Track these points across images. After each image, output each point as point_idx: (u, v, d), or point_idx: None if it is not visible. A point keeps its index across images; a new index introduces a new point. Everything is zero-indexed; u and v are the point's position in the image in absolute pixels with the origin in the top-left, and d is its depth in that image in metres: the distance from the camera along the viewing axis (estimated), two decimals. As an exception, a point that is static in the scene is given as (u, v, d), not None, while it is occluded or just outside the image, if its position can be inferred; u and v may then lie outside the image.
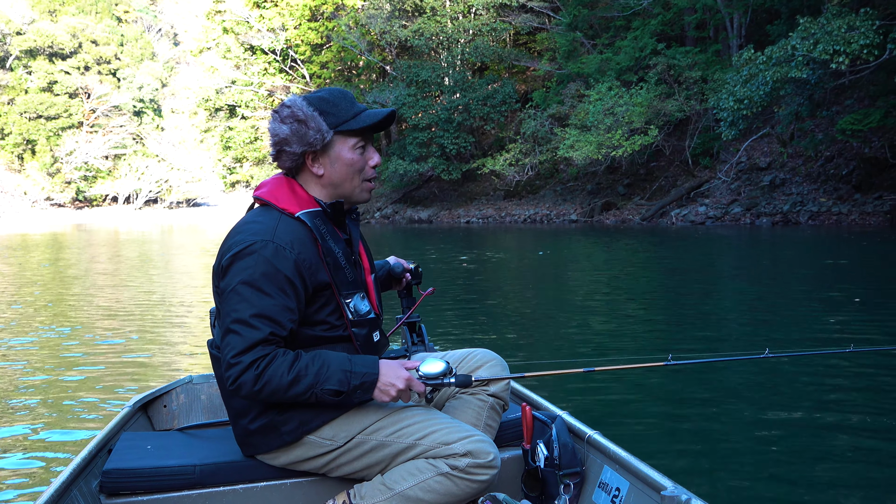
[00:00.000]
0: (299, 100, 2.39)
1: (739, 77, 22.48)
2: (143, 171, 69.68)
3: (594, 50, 35.86)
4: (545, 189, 37.64)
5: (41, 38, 67.75)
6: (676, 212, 29.69)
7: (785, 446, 4.07)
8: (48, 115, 67.55)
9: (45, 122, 67.62)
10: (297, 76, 49.37)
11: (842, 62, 19.99)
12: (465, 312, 9.06)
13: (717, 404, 4.89)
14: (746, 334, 7.39)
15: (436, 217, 40.41)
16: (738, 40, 31.25)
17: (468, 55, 39.97)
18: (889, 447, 4.09)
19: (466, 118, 38.77)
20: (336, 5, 46.16)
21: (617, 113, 30.11)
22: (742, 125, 23.50)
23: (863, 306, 8.94)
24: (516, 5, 39.86)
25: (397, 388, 2.29)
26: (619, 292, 11.01)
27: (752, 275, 12.99)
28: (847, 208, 25.36)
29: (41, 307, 10.14)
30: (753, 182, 29.00)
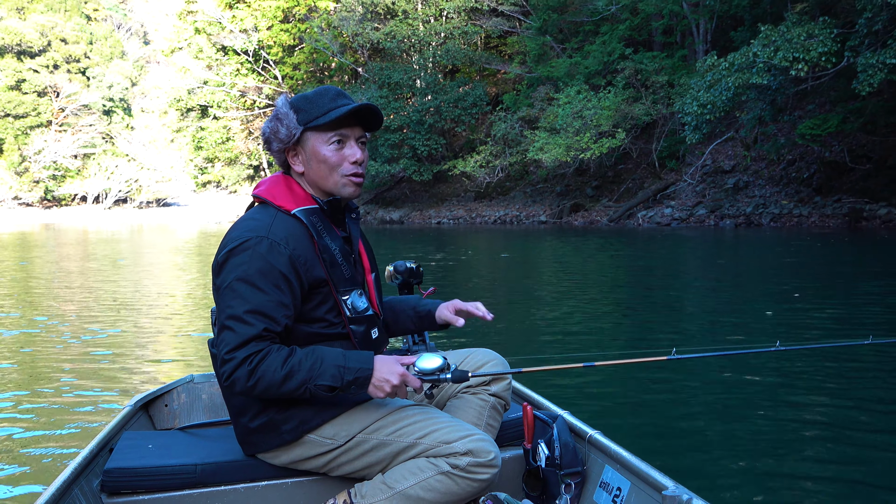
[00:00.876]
0: (283, 99, 2.44)
1: (703, 82, 23.08)
2: (113, 170, 69.16)
3: (563, 54, 36.42)
4: (515, 190, 38.13)
5: (9, 35, 67.03)
6: (643, 213, 30.30)
7: (789, 445, 4.05)
8: (16, 113, 66.82)
9: (14, 120, 66.88)
10: (269, 77, 49.46)
11: (801, 69, 20.64)
12: None
13: (719, 404, 4.88)
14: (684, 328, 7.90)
15: (407, 218, 40.75)
16: (704, 46, 31.96)
17: (440, 58, 40.35)
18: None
19: (438, 120, 39.14)
20: (308, 7, 46.33)
21: (585, 116, 30.65)
22: (706, 129, 24.10)
23: (800, 301, 9.49)
24: (487, 9, 40.35)
25: (392, 384, 2.28)
26: (589, 291, 11.46)
27: (707, 273, 13.53)
28: (807, 210, 26.05)
29: (37, 307, 10.09)
30: (718, 184, 29.68)
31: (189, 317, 9.15)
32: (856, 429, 4.37)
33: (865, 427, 4.42)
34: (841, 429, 4.36)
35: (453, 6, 39.82)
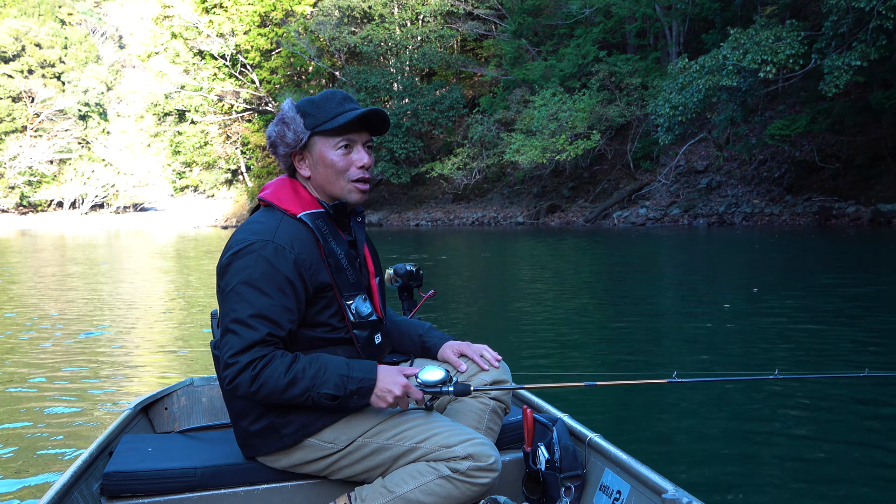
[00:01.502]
0: (289, 103, 2.42)
1: (675, 84, 23.52)
2: (89, 175, 68.97)
3: (539, 57, 36.82)
4: (492, 192, 38.49)
5: (-17, 41, 66.81)
6: (618, 213, 30.74)
7: (788, 454, 4.07)
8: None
9: (-12, 126, 66.65)
10: (246, 81, 49.51)
11: (769, 71, 21.13)
12: (459, 314, 9.07)
13: (719, 409, 4.93)
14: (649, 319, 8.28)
15: (385, 220, 41.02)
16: (676, 48, 32.46)
17: (416, 61, 40.66)
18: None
19: (415, 123, 39.43)
20: (285, 12, 46.46)
21: (561, 118, 31.08)
22: (678, 130, 24.54)
23: (757, 294, 10.02)
24: (463, 13, 40.72)
25: (394, 395, 2.29)
26: (567, 291, 11.81)
27: (676, 271, 13.94)
28: (779, 209, 26.56)
29: (34, 311, 10.10)
30: (691, 184, 30.19)
31: (187, 320, 9.14)
32: (860, 444, 4.31)
33: (862, 437, 4.42)
34: (843, 443, 4.33)
35: (429, 10, 40.16)
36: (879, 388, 5.32)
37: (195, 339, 7.70)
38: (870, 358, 6.12)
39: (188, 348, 7.28)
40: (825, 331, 7.41)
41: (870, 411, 4.86)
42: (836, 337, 7.07)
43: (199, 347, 7.22)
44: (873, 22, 19.58)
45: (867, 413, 4.85)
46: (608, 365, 6.09)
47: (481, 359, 2.59)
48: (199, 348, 7.17)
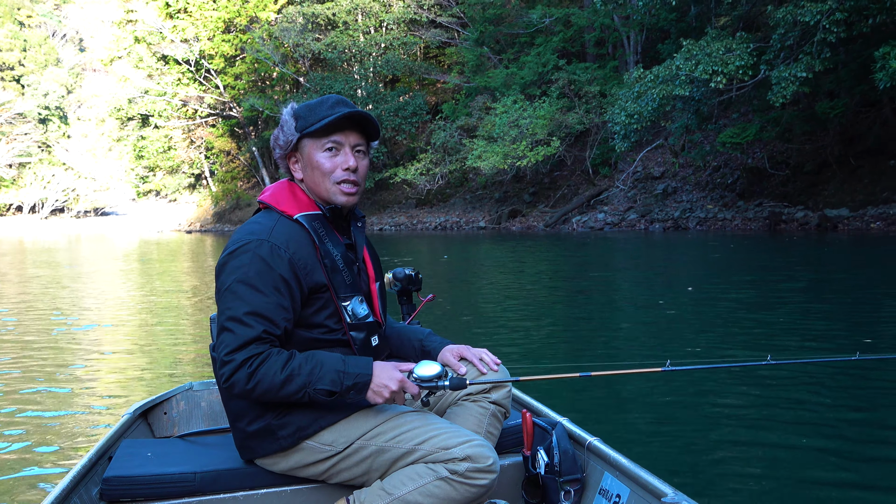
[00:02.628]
0: (289, 107, 2.48)
1: (631, 93, 24.26)
2: (50, 179, 68.43)
3: (500, 65, 37.42)
4: (455, 197, 39.07)
5: (-60, 43, 66.04)
6: (577, 218, 31.43)
7: (788, 452, 4.12)
8: (-51, 122, 65.85)
9: (-54, 130, 65.89)
10: (210, 86, 49.48)
11: (720, 81, 21.96)
12: (457, 317, 9.22)
13: (719, 411, 4.96)
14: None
15: (349, 224, 41.33)
16: (634, 57, 33.30)
17: (380, 68, 41.05)
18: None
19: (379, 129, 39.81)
20: (250, 18, 46.61)
21: (521, 125, 31.69)
22: (634, 138, 25.28)
23: (691, 292, 10.86)
24: (426, 20, 41.23)
25: (390, 390, 2.30)
26: (531, 290, 12.42)
27: (624, 274, 14.65)
28: (731, 214, 27.36)
29: (34, 314, 10.17)
30: (648, 190, 31.02)
31: (186, 324, 9.18)
32: (857, 437, 4.40)
33: (861, 429, 4.49)
34: (841, 437, 4.40)
35: (393, 18, 40.64)
36: (872, 371, 5.52)
37: (194, 344, 7.73)
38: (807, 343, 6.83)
39: (187, 353, 7.31)
40: (745, 318, 8.20)
41: (864, 396, 5.02)
42: (757, 323, 7.84)
43: (197, 352, 7.24)
44: (818, 35, 20.50)
45: (860, 397, 4.97)
46: (587, 355, 6.60)
47: (480, 362, 2.60)
48: (197, 352, 7.19)
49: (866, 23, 20.05)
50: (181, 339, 8.17)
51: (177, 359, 7.06)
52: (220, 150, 53.02)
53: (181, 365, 6.75)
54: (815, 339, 7.21)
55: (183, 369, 6.52)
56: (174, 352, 7.44)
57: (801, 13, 20.41)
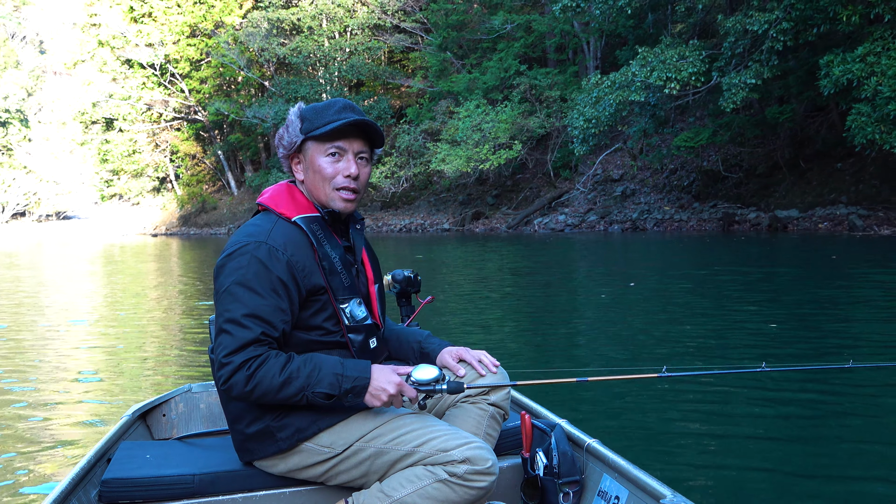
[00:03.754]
0: (297, 106, 2.48)
1: (589, 99, 24.96)
2: (10, 183, 67.84)
3: (463, 69, 37.94)
4: (419, 200, 39.58)
5: None
6: (539, 220, 32.10)
7: (786, 454, 4.17)
8: None
9: None
10: (175, 90, 49.46)
11: (673, 87, 22.76)
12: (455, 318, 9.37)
13: (717, 412, 5.02)
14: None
15: (315, 227, 41.63)
16: (594, 62, 33.99)
17: (345, 72, 41.38)
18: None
19: (344, 132, 40.12)
20: (215, 23, 46.69)
21: (484, 129, 32.27)
22: (592, 142, 25.94)
23: (632, 289, 11.70)
24: (390, 26, 41.64)
25: (388, 393, 2.30)
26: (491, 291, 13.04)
27: (573, 272, 15.36)
28: (687, 215, 28.10)
29: (30, 316, 10.26)
30: (607, 192, 31.81)
31: (185, 326, 9.22)
32: (854, 440, 4.46)
33: (867, 438, 4.50)
34: (839, 441, 4.45)
35: (357, 23, 41.04)
36: (869, 376, 5.68)
37: (193, 346, 7.76)
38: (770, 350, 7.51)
39: (186, 355, 7.34)
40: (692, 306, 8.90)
41: (858, 403, 5.14)
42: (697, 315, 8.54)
43: (196, 354, 7.25)
44: (766, 44, 21.38)
45: (854, 406, 5.04)
46: (574, 361, 7.20)
47: (479, 364, 2.62)
48: (196, 354, 7.21)
49: (811, 32, 20.97)
50: (180, 341, 8.16)
51: (176, 361, 7.07)
52: (185, 153, 52.97)
53: (180, 367, 6.75)
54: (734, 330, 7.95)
55: (182, 371, 6.51)
56: (173, 354, 7.46)
57: (749, 22, 21.30)
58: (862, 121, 19.13)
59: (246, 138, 48.36)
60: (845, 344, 6.96)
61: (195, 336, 8.39)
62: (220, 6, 46.40)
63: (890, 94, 18.21)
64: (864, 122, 19.07)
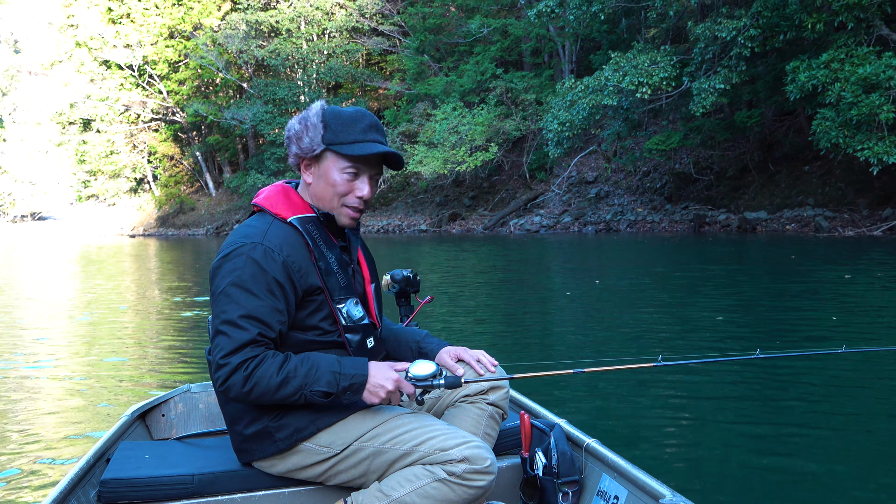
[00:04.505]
0: (319, 106, 2.44)
1: (564, 102, 25.44)
2: (-15, 184, 67.55)
3: (440, 72, 38.34)
4: (397, 201, 39.89)
5: None
6: (515, 221, 32.53)
7: (785, 451, 4.18)
8: None
9: None
10: (154, 92, 49.45)
11: (645, 92, 23.33)
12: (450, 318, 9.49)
13: (717, 412, 5.03)
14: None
15: (293, 228, 41.92)
16: (569, 66, 34.48)
17: (323, 75, 41.63)
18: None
19: (322, 134, 40.40)
20: (194, 25, 46.76)
21: (461, 131, 32.66)
22: (566, 145, 26.40)
23: (598, 286, 12.34)
24: (368, 29, 41.97)
25: (386, 390, 2.31)
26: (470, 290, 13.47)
27: (545, 271, 15.86)
28: (659, 217, 28.60)
29: (33, 319, 10.25)
30: (582, 194, 32.31)
31: (183, 326, 9.23)
32: (854, 431, 4.52)
33: (865, 428, 4.58)
34: (839, 431, 4.51)
35: (335, 26, 41.31)
36: (860, 363, 5.82)
37: (191, 346, 7.80)
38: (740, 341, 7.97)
39: (185, 355, 7.37)
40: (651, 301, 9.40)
41: (853, 392, 5.27)
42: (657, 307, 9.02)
43: (195, 354, 7.28)
44: (734, 50, 21.98)
45: (850, 393, 5.13)
46: (568, 351, 7.55)
47: (478, 363, 2.62)
48: (195, 355, 7.23)
49: (778, 39, 21.62)
50: (178, 341, 8.21)
51: (174, 361, 7.12)
52: (163, 154, 52.93)
53: (179, 367, 6.80)
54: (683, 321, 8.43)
55: (181, 371, 6.57)
56: (172, 354, 7.50)
57: (718, 29, 21.88)
58: (826, 125, 19.72)
59: (224, 139, 48.46)
60: (784, 329, 7.59)
61: (194, 336, 8.39)
62: (198, 8, 46.50)
63: (852, 100, 18.80)
64: (829, 127, 19.66)
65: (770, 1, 21.22)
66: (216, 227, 46.34)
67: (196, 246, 32.78)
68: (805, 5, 19.78)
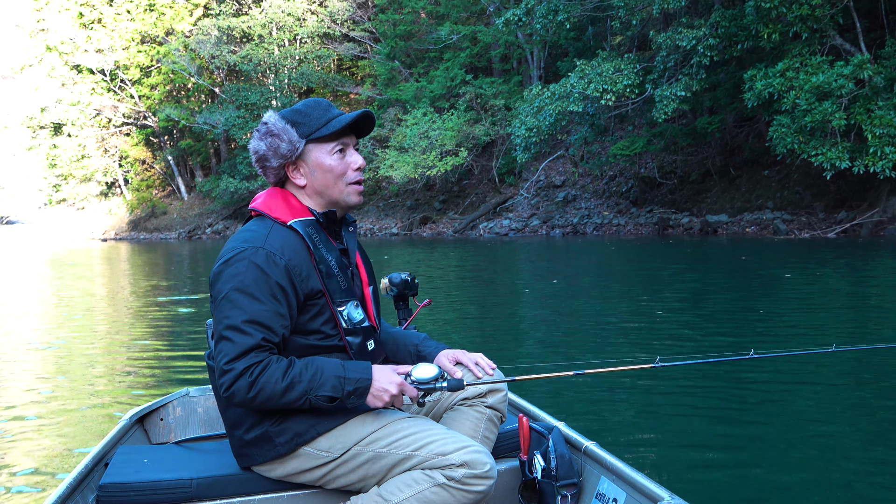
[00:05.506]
0: (274, 115, 2.42)
1: (531, 108, 26.06)
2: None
3: (410, 78, 38.79)
4: (369, 205, 40.20)
5: None
6: (484, 225, 33.18)
7: (784, 452, 4.17)
8: None
9: None
10: (125, 96, 49.50)
11: (609, 99, 24.04)
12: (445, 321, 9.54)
13: (716, 413, 5.03)
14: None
15: (265, 232, 42.28)
16: (537, 72, 35.06)
17: (294, 80, 42.01)
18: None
19: (294, 139, 40.78)
20: (166, 31, 46.91)
21: (431, 136, 33.18)
22: (534, 150, 26.97)
23: (559, 285, 12.98)
24: (339, 35, 42.40)
25: (390, 393, 2.31)
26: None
27: (511, 271, 16.45)
28: (625, 220, 29.30)
29: (34, 322, 10.27)
30: (550, 198, 32.96)
31: (182, 330, 9.22)
32: (854, 433, 4.51)
33: (861, 429, 4.58)
34: (835, 436, 4.48)
35: (307, 31, 41.69)
36: (850, 363, 5.96)
37: (190, 350, 7.75)
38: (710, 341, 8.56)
39: (183, 359, 7.34)
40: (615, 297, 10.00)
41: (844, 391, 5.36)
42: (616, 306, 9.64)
43: (194, 358, 7.23)
44: (695, 58, 22.75)
45: (836, 393, 5.19)
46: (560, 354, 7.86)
47: (476, 367, 2.61)
48: (194, 359, 7.19)
49: (736, 48, 22.43)
50: (177, 345, 8.19)
51: (173, 365, 7.10)
52: (134, 158, 52.95)
53: (177, 371, 6.78)
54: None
55: (179, 375, 6.54)
56: (170, 358, 7.47)
57: (679, 38, 22.67)
58: (782, 131, 20.53)
59: (196, 144, 48.62)
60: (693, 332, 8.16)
61: (192, 340, 8.36)
62: (170, 14, 46.70)
63: (806, 107, 19.61)
64: (785, 133, 20.46)
65: (728, 11, 22.06)
66: (188, 231, 46.53)
67: (168, 250, 32.89)
68: (761, 16, 20.55)
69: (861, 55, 20.29)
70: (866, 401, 5.16)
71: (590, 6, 26.29)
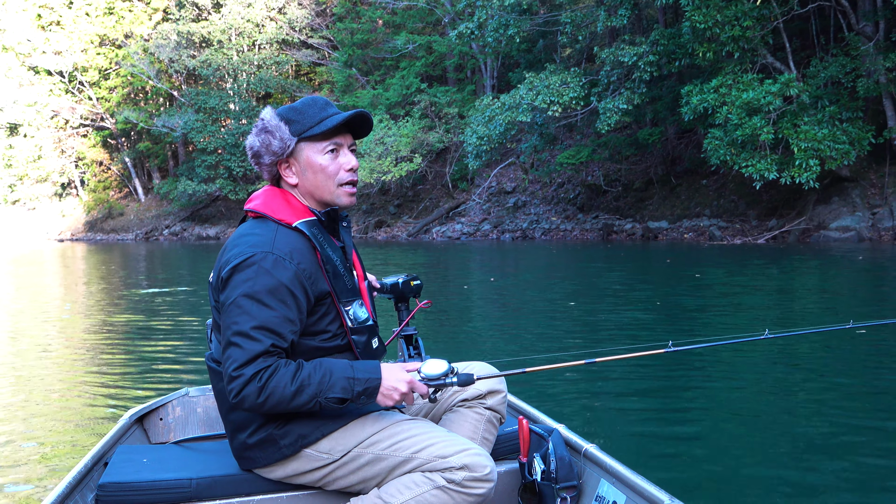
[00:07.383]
0: (271, 112, 2.38)
1: (482, 118, 27.19)
2: None
3: (367, 86, 39.67)
4: (325, 208, 41.11)
5: None
6: (437, 229, 34.14)
7: (785, 454, 4.14)
8: None
9: None
10: (83, 98, 49.50)
11: (556, 110, 25.30)
12: None
13: (716, 413, 5.01)
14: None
15: (223, 234, 42.93)
16: (491, 81, 36.19)
17: (253, 85, 42.72)
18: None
19: (252, 143, 41.39)
20: (125, 34, 47.13)
21: (386, 142, 33.98)
22: (485, 157, 28.11)
23: (496, 282, 13.95)
24: (298, 41, 43.17)
25: (400, 392, 2.29)
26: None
27: (456, 271, 17.57)
28: (572, 226, 30.47)
29: (34, 322, 10.28)
30: (501, 203, 34.03)
31: (182, 330, 9.18)
32: (853, 427, 4.52)
33: (873, 425, 4.57)
34: (837, 429, 4.49)
35: (266, 38, 42.34)
36: (864, 343, 6.08)
37: (190, 349, 7.72)
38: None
39: (183, 359, 7.29)
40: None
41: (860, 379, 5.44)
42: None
43: (194, 358, 7.19)
44: (636, 74, 24.10)
45: (858, 372, 5.28)
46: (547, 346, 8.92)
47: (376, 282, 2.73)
48: (194, 358, 7.16)
49: (674, 65, 23.84)
50: (177, 345, 8.15)
51: (173, 365, 7.04)
52: (92, 160, 52.96)
53: (177, 371, 6.74)
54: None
55: (179, 375, 6.50)
56: (170, 358, 7.41)
57: (621, 54, 24.01)
58: (716, 144, 21.87)
59: (154, 146, 48.82)
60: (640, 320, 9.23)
61: (192, 340, 8.34)
62: (130, 17, 46.90)
63: (738, 122, 20.95)
64: (718, 145, 21.80)
65: (667, 31, 23.44)
66: (145, 233, 46.83)
67: (125, 250, 33.21)
68: (697, 36, 21.90)
69: (789, 73, 21.73)
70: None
71: (539, 21, 27.53)
